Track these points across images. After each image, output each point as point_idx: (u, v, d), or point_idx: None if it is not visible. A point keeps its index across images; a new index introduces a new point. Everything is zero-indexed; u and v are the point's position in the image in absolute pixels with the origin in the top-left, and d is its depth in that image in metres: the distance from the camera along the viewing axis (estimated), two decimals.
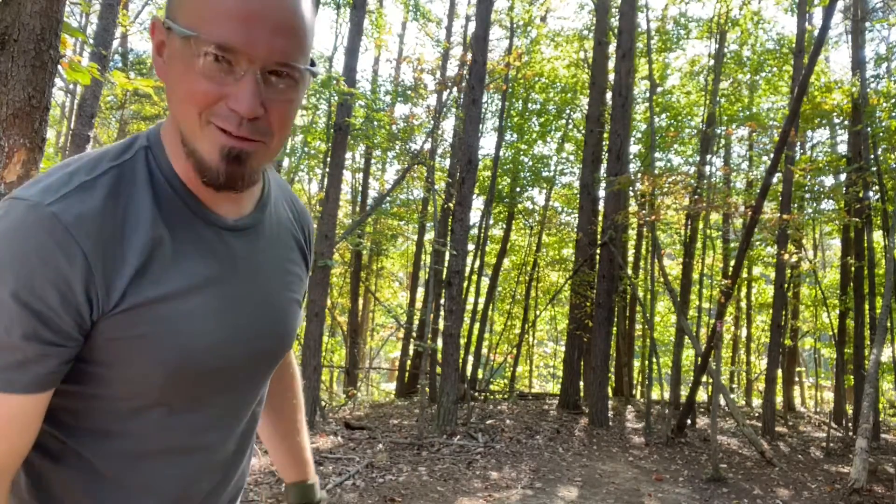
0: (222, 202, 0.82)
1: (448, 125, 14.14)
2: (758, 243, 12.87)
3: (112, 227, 0.72)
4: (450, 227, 9.93)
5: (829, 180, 13.27)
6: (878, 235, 12.42)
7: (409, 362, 15.13)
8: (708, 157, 13.34)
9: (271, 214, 0.91)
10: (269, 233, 0.90)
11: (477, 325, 14.62)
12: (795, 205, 11.55)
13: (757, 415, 12.29)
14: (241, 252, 0.84)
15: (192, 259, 0.78)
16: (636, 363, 17.42)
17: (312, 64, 0.77)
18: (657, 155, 14.33)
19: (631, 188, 10.83)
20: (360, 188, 16.56)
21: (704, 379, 9.64)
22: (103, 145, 0.85)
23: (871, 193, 10.89)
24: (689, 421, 9.88)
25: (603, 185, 11.62)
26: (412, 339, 13.65)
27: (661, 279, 11.66)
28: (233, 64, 0.70)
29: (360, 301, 17.45)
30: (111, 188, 0.74)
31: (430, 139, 12.68)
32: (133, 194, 0.75)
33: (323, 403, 9.28)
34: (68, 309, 0.69)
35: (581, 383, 12.38)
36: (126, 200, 0.74)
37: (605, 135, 11.40)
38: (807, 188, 12.25)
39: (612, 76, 12.13)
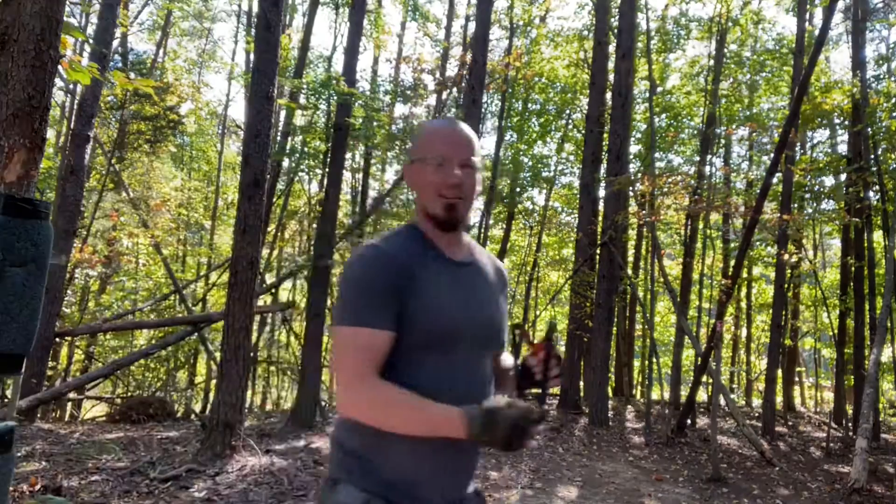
0: (448, 248, 1.47)
1: None
2: (758, 243, 12.86)
3: (405, 254, 1.41)
4: None
5: (829, 180, 13.26)
6: (878, 235, 12.42)
7: None
8: (708, 157, 13.35)
9: (479, 261, 1.55)
10: (482, 270, 1.54)
11: None
12: (795, 205, 11.55)
13: (757, 415, 12.29)
14: (465, 277, 1.48)
15: (439, 274, 1.43)
16: (636, 363, 17.42)
17: (480, 159, 1.51)
18: (657, 155, 14.32)
19: (631, 188, 10.83)
20: (360, 188, 16.55)
21: (704, 379, 9.64)
22: (102, 145, 0.88)
23: (871, 193, 10.88)
24: (689, 421, 9.88)
25: (603, 185, 11.62)
26: None
27: (661, 279, 11.66)
28: (445, 165, 1.42)
29: None
30: (401, 238, 1.46)
31: None
32: (410, 242, 1.46)
33: (323, 403, 9.27)
34: (391, 284, 1.36)
35: (581, 383, 12.38)
36: (408, 244, 1.44)
37: (605, 135, 11.40)
38: (807, 188, 12.24)
39: (612, 76, 12.13)
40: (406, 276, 1.37)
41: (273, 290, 13.80)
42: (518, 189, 16.05)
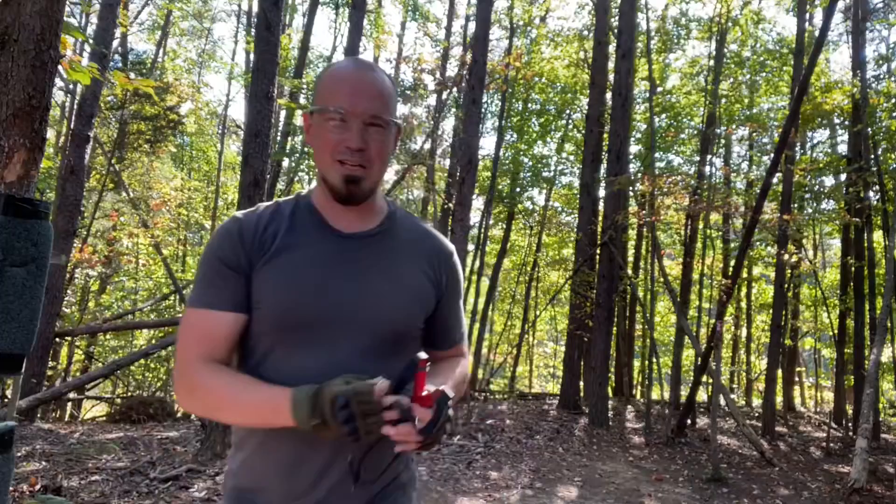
0: (342, 219, 1.26)
1: (448, 125, 14.16)
2: (758, 243, 12.86)
3: (263, 225, 1.23)
4: (450, 227, 9.92)
5: (829, 180, 13.27)
6: (878, 235, 12.42)
7: None
8: (708, 157, 13.33)
9: (389, 233, 1.30)
10: (386, 244, 1.28)
11: (477, 326, 14.62)
12: (795, 205, 11.55)
13: (757, 415, 12.28)
14: (351, 251, 1.24)
15: (304, 248, 1.22)
16: (636, 363, 17.41)
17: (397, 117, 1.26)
18: (657, 155, 14.32)
19: (631, 188, 10.82)
20: None
21: (704, 379, 9.63)
22: (102, 145, 0.90)
23: (871, 193, 10.88)
24: (689, 421, 9.88)
25: (603, 185, 11.62)
26: None
27: (661, 279, 11.65)
28: (346, 121, 1.17)
29: None
30: (269, 210, 1.27)
31: (429, 139, 12.68)
32: (280, 212, 1.27)
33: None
34: (238, 260, 1.20)
35: (581, 383, 12.37)
36: (275, 216, 1.26)
37: (605, 135, 11.39)
38: (807, 188, 12.24)
39: (612, 76, 12.12)
40: (258, 250, 1.20)
41: None
42: (518, 189, 16.05)
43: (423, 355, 1.09)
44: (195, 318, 1.19)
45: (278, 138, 13.02)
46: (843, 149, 14.04)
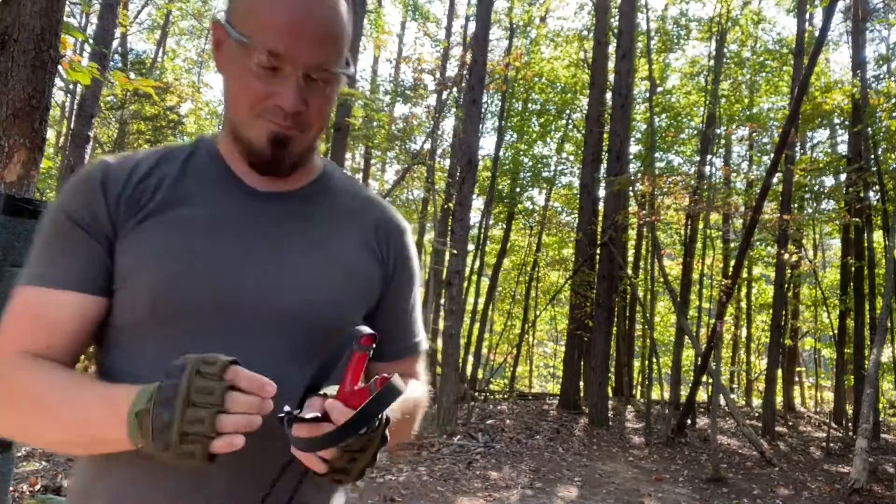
0: (256, 179, 0.92)
1: (448, 125, 14.16)
2: (758, 243, 12.86)
3: (141, 174, 0.88)
4: (450, 227, 9.93)
5: (829, 180, 13.27)
6: (878, 235, 12.42)
7: None
8: (708, 157, 13.35)
9: (328, 204, 0.96)
10: (313, 211, 0.94)
11: (477, 325, 14.62)
12: (795, 205, 11.56)
13: (757, 415, 12.29)
14: (270, 214, 0.90)
15: (200, 206, 0.88)
16: (636, 363, 17.41)
17: (347, 64, 0.88)
18: (657, 155, 14.32)
19: (631, 188, 10.82)
20: None
21: (704, 379, 9.63)
22: (102, 145, 0.91)
23: (871, 193, 10.89)
24: (689, 421, 9.88)
25: (603, 185, 11.62)
26: None
27: (661, 279, 11.66)
28: (279, 68, 0.82)
29: None
30: (155, 155, 0.92)
31: (429, 139, 12.69)
32: (170, 159, 0.92)
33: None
34: (96, 219, 0.85)
35: (581, 383, 12.38)
36: (162, 162, 0.91)
37: (605, 135, 11.40)
38: (807, 188, 12.25)
39: (612, 76, 12.13)
40: (130, 206, 0.85)
41: None
42: (518, 189, 16.06)
43: (365, 329, 0.76)
44: (24, 300, 0.82)
45: None
46: (843, 149, 14.05)
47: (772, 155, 8.57)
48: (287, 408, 0.73)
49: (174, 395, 0.66)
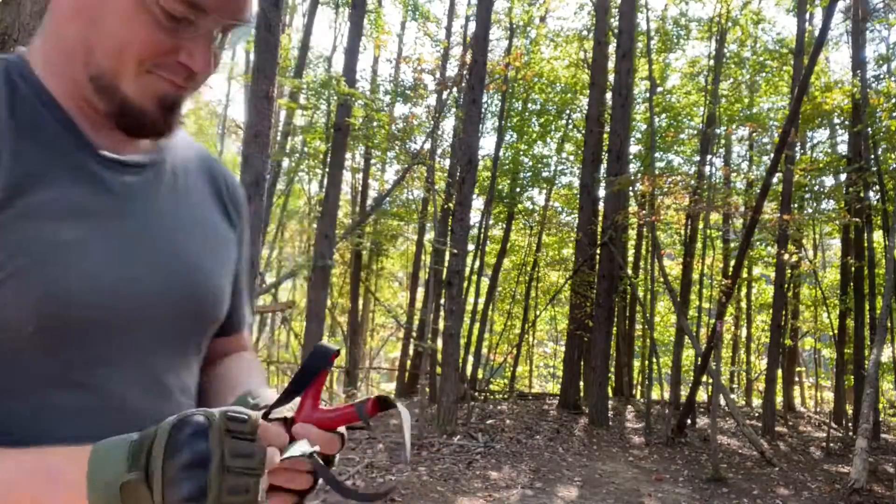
0: (102, 132, 0.69)
1: (448, 125, 14.15)
2: (758, 243, 12.86)
3: None
4: (450, 227, 9.93)
5: (829, 180, 13.27)
6: (878, 235, 12.41)
7: (409, 362, 15.13)
8: (708, 157, 13.35)
9: (176, 159, 0.78)
10: (176, 178, 0.76)
11: (477, 325, 14.61)
12: (795, 205, 11.55)
13: (757, 415, 12.28)
14: (139, 191, 0.70)
15: (65, 185, 0.64)
16: (636, 363, 17.41)
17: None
18: (657, 155, 14.32)
19: (631, 188, 10.83)
20: (360, 188, 16.56)
21: (704, 379, 9.63)
22: None
23: (871, 193, 10.89)
24: (689, 421, 9.88)
25: (603, 185, 11.62)
26: (412, 339, 13.65)
27: (661, 279, 11.66)
28: (194, 21, 0.65)
29: (360, 301, 17.46)
30: None
31: (429, 139, 12.69)
32: None
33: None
34: None
35: (581, 383, 12.38)
36: None
37: (605, 135, 11.40)
38: (807, 188, 12.25)
39: (612, 76, 12.13)
40: None
41: (273, 290, 13.82)
42: (518, 189, 16.05)
43: (333, 346, 0.69)
44: None
45: (278, 138, 13.02)
46: (843, 149, 14.04)
47: (772, 155, 8.58)
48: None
49: (204, 458, 0.52)
